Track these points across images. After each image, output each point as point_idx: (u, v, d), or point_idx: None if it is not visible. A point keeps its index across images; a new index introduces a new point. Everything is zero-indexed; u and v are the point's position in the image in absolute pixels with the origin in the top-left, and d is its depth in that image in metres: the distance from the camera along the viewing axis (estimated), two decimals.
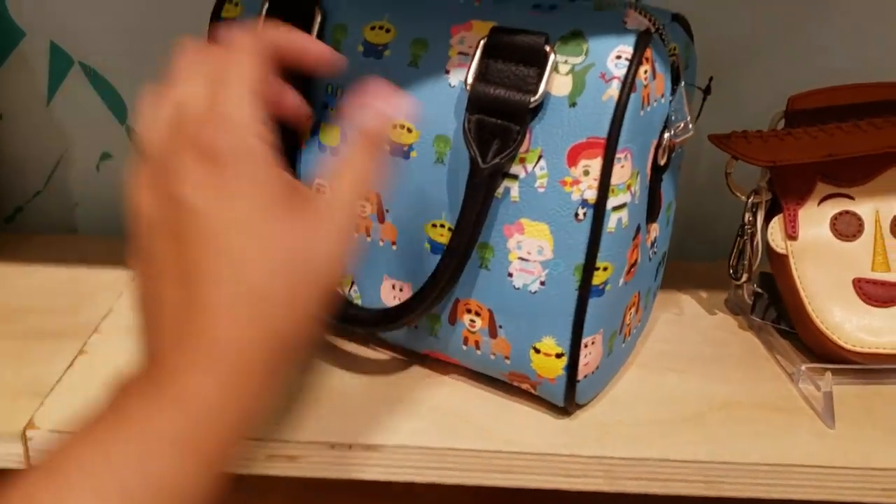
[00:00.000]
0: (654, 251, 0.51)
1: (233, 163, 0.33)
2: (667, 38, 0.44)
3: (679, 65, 0.45)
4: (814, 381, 0.49)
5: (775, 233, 0.54)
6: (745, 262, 0.56)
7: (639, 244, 0.46)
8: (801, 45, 0.64)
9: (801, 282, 0.52)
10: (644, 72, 0.41)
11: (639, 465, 0.45)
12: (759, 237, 0.55)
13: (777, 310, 0.55)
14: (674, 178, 0.51)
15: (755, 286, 0.56)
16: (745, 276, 0.56)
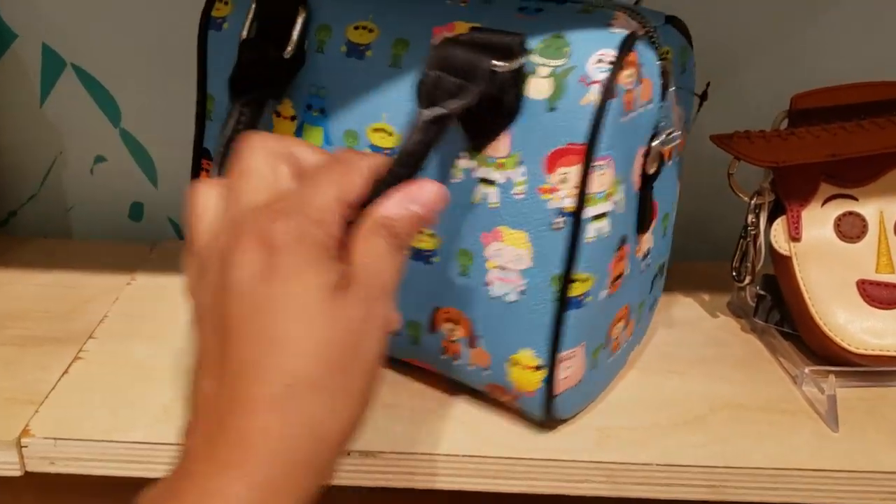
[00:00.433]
0: (648, 263, 0.49)
1: (287, 249, 0.31)
2: (658, 40, 0.43)
3: (669, 69, 0.44)
4: (817, 383, 0.49)
5: (778, 234, 0.53)
6: (748, 264, 0.55)
7: (625, 255, 0.45)
8: (804, 45, 0.64)
9: (804, 284, 0.52)
10: (627, 76, 0.40)
11: (640, 469, 0.44)
12: (761, 239, 0.54)
13: (780, 312, 0.55)
14: (672, 186, 0.50)
15: (758, 288, 0.55)
16: (747, 278, 0.56)
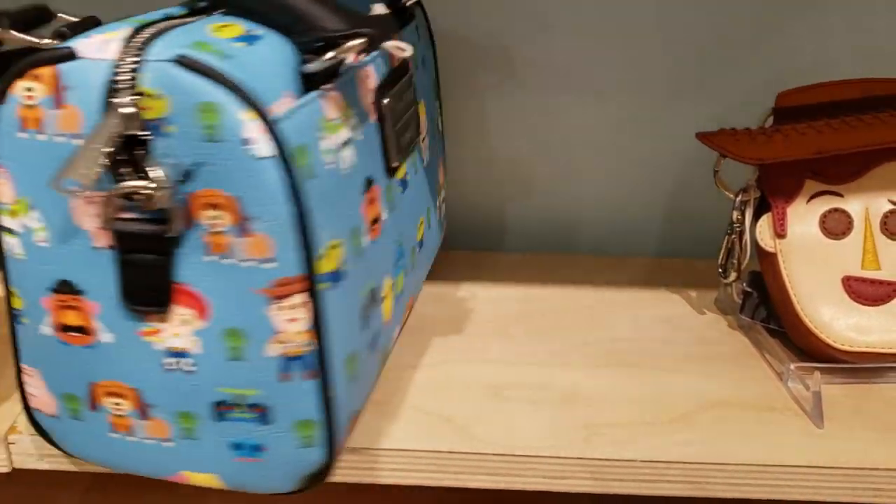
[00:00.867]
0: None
1: None
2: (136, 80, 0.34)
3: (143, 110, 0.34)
4: (803, 380, 0.49)
5: (764, 231, 0.53)
6: (734, 261, 0.56)
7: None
8: (789, 42, 0.64)
9: (789, 280, 0.52)
10: (27, 89, 0.36)
11: (626, 466, 0.44)
12: (747, 235, 0.54)
13: (766, 308, 0.55)
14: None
15: (744, 285, 0.55)
16: (733, 275, 0.56)
